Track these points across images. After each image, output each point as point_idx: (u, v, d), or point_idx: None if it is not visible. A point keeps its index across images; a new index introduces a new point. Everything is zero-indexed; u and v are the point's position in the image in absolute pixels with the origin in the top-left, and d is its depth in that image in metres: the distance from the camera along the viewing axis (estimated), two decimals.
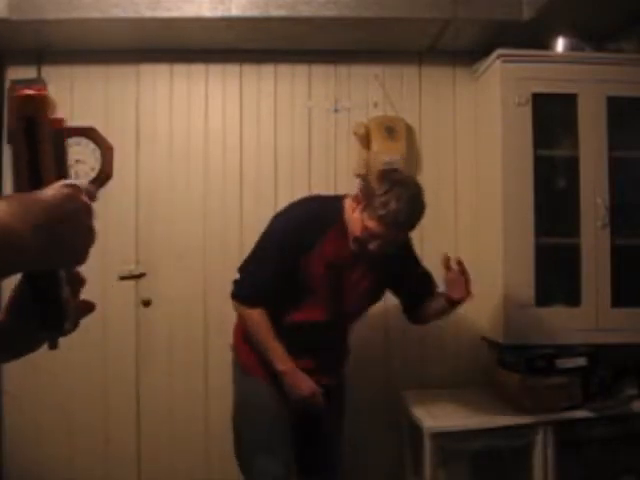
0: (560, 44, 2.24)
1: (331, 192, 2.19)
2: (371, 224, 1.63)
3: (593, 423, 2.01)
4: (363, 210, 1.65)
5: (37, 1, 2.09)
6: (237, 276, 1.80)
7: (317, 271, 1.73)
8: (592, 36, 2.24)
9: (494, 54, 2.19)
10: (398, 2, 2.13)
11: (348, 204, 1.74)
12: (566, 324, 2.13)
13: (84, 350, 2.38)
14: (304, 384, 1.73)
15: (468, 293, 1.69)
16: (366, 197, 1.65)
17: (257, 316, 1.73)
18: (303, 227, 1.72)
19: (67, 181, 0.53)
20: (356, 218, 1.68)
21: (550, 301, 2.18)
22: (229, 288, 2.38)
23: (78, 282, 0.61)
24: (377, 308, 2.44)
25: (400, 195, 1.60)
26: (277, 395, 1.76)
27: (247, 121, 2.48)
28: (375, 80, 2.49)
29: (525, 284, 2.13)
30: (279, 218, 1.79)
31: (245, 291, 1.76)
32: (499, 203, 2.17)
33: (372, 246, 1.66)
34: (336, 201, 1.80)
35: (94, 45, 2.39)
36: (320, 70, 2.50)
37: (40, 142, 0.54)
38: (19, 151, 0.54)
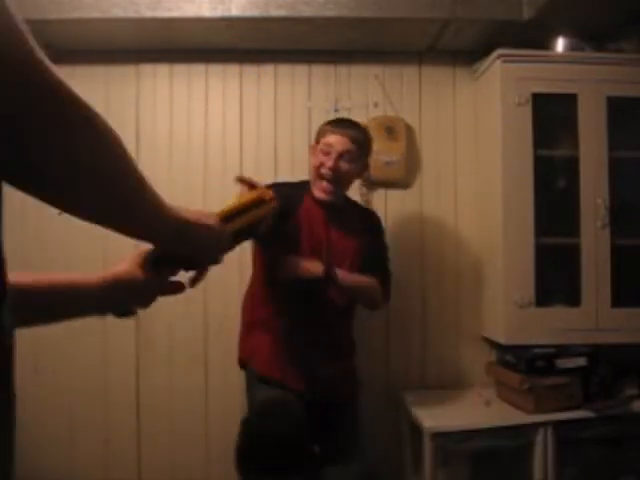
0: (560, 44, 2.25)
1: None
2: (321, 144, 1.87)
3: (593, 423, 2.01)
4: (316, 146, 1.91)
5: (38, 1, 2.09)
6: None
7: (301, 242, 1.84)
8: (592, 36, 2.25)
9: (494, 54, 2.19)
10: (398, 2, 2.13)
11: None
12: (566, 324, 2.14)
13: (84, 350, 2.39)
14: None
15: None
16: (316, 137, 1.93)
17: None
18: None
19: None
20: (313, 156, 1.91)
21: (550, 301, 2.18)
22: (229, 288, 2.39)
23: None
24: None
25: (339, 118, 2.02)
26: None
27: (247, 121, 2.48)
28: (375, 80, 2.49)
29: (525, 284, 2.13)
30: None
31: None
32: (499, 203, 2.17)
33: (329, 164, 1.84)
34: (303, 182, 1.97)
35: (94, 45, 2.39)
36: (320, 70, 2.50)
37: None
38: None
